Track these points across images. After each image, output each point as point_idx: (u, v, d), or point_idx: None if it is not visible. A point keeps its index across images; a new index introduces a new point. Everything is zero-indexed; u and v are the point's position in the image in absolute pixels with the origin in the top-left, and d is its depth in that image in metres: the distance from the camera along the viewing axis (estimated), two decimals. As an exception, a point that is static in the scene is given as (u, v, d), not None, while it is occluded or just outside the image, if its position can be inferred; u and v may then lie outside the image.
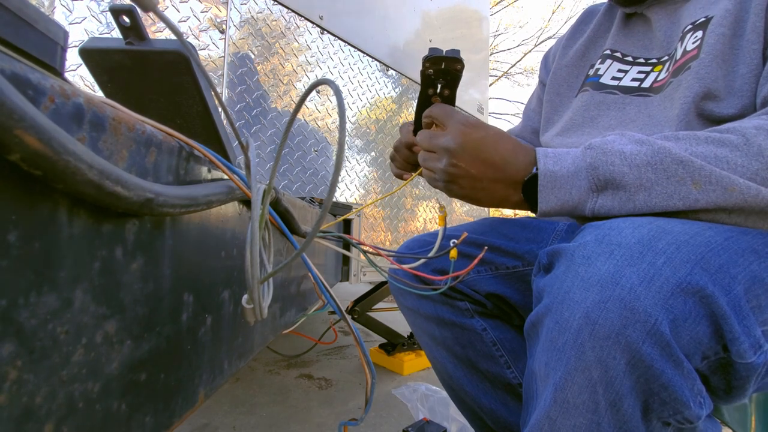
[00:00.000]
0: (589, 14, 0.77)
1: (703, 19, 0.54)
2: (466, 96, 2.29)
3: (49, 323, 0.18)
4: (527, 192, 0.45)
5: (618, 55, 0.66)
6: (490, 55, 4.92)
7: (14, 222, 0.16)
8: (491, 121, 2.51)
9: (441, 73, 0.49)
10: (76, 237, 0.19)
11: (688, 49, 0.54)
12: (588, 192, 0.43)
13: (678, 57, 0.56)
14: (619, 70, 0.64)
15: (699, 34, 0.53)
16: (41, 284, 0.17)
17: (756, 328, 0.33)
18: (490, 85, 2.92)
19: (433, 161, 0.48)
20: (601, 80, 0.65)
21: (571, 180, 0.43)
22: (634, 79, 0.62)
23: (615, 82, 0.63)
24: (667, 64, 0.58)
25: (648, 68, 0.61)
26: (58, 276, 0.18)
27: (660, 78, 0.58)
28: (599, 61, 0.68)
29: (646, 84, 0.60)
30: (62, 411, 0.19)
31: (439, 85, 0.51)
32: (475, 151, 0.46)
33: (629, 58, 0.64)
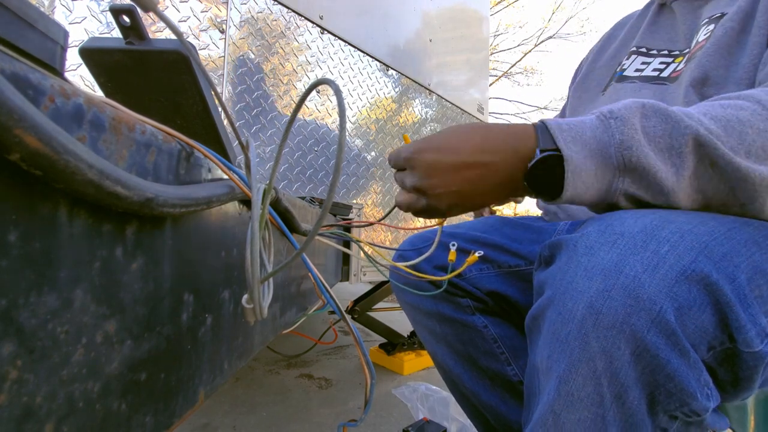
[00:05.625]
0: (621, 23, 0.83)
1: (718, 15, 0.57)
2: (466, 96, 2.29)
3: (49, 323, 0.18)
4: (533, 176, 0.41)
5: (643, 50, 0.69)
6: (490, 55, 4.92)
7: (14, 222, 0.16)
8: (491, 121, 2.51)
9: None
10: (76, 237, 0.19)
11: (700, 39, 0.58)
12: (615, 171, 0.38)
13: (691, 47, 0.60)
14: (643, 63, 0.67)
15: (711, 27, 0.56)
16: (41, 284, 0.17)
17: (761, 316, 0.33)
18: (490, 85, 2.92)
19: (414, 205, 0.45)
20: (625, 73, 0.68)
21: (597, 158, 0.38)
22: (655, 69, 0.64)
23: (637, 73, 0.66)
24: (687, 56, 0.61)
25: (670, 59, 0.64)
26: (58, 276, 0.18)
27: (678, 68, 0.61)
28: (625, 58, 0.71)
29: (666, 73, 0.62)
30: (62, 411, 0.19)
31: None
32: (443, 167, 0.42)
33: (654, 51, 0.67)
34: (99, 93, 0.39)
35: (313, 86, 0.22)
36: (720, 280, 0.32)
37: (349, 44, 1.54)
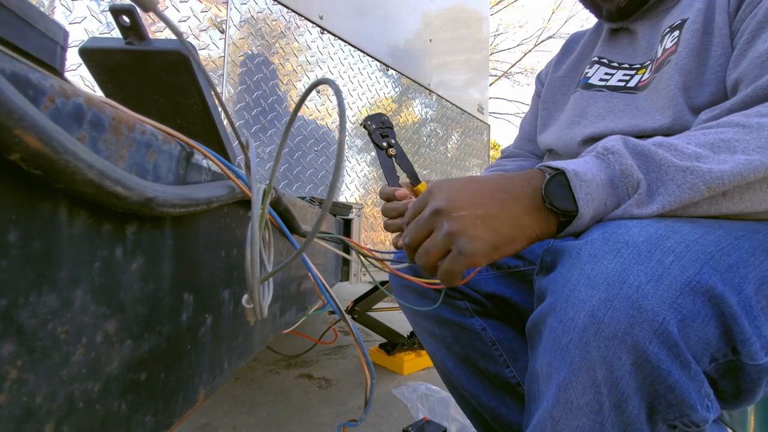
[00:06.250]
0: (575, 37, 0.84)
1: (679, 21, 0.58)
2: (466, 96, 2.29)
3: (49, 323, 0.18)
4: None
5: (605, 61, 0.70)
6: (490, 54, 4.92)
7: (14, 222, 0.16)
8: (491, 121, 2.51)
9: (381, 125, 0.64)
10: (76, 237, 0.19)
11: (667, 47, 0.58)
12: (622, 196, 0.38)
13: (658, 56, 0.59)
14: (606, 73, 0.68)
15: (676, 33, 0.57)
16: (41, 284, 0.17)
17: (767, 328, 0.33)
18: (490, 85, 2.92)
19: (435, 237, 0.40)
20: (590, 81, 0.69)
21: (605, 188, 0.38)
22: (620, 80, 0.65)
23: (602, 83, 0.67)
24: (650, 66, 0.62)
25: (632, 72, 0.65)
26: (58, 276, 0.18)
27: (644, 78, 0.62)
28: (588, 67, 0.72)
29: (632, 84, 0.63)
30: (62, 411, 0.19)
31: (385, 138, 0.64)
32: (465, 192, 0.39)
33: (615, 64, 0.68)
34: (99, 93, 0.39)
35: (313, 86, 0.22)
36: (725, 291, 0.31)
37: (349, 44, 1.54)
